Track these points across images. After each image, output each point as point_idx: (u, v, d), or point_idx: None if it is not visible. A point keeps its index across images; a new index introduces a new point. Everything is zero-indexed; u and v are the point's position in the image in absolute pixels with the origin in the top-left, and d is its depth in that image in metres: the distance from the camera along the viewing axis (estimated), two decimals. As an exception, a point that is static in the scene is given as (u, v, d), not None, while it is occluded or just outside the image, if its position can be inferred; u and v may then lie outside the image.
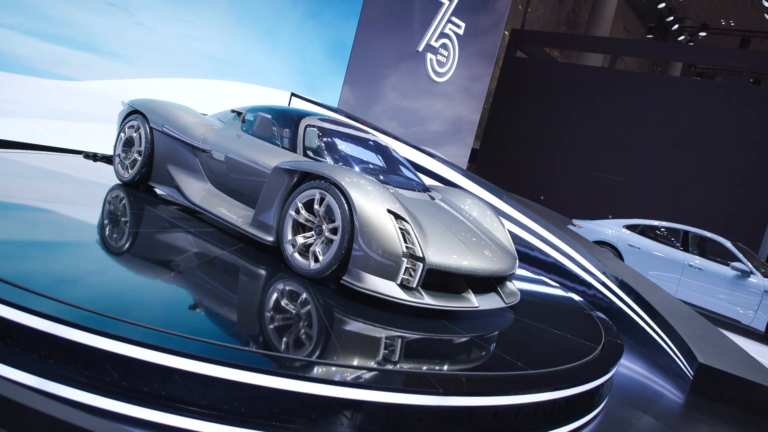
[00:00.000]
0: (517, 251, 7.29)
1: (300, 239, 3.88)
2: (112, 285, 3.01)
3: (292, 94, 9.34)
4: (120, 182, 5.43)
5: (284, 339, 2.81)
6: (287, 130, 4.81)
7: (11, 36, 6.82)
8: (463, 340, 3.46)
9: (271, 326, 2.98)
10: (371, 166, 4.87)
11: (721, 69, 26.31)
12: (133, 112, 5.47)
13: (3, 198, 4.26)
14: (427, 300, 3.55)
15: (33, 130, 7.18)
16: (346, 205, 3.62)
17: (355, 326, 3.26)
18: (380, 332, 3.25)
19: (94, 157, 6.55)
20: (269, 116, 4.99)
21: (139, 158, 5.27)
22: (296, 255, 3.87)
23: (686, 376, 4.72)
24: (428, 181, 7.82)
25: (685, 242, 9.29)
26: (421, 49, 13.33)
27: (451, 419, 2.62)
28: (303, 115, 4.97)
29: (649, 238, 9.56)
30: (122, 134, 5.48)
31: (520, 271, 6.58)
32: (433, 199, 4.61)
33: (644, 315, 5.73)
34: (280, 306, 3.36)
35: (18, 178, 5.14)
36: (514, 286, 4.45)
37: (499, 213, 7.32)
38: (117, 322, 2.37)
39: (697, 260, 9.04)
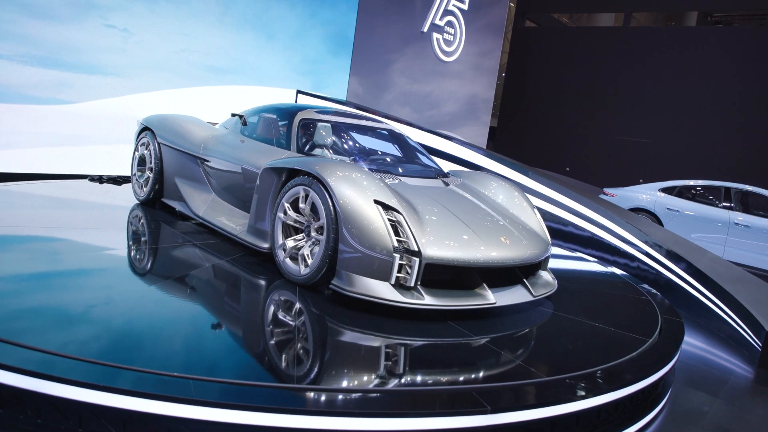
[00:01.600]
0: (550, 228, 6.92)
1: (290, 243, 3.56)
2: (100, 323, 2.72)
3: (298, 92, 9.05)
4: (138, 201, 5.39)
5: (280, 364, 2.47)
6: (283, 127, 4.52)
7: (4, 65, 6.63)
8: (481, 342, 3.05)
9: (258, 352, 2.61)
10: (374, 155, 4.55)
11: (738, 15, 25.26)
12: (144, 129, 5.42)
13: (15, 229, 4.10)
14: (427, 300, 3.12)
15: (35, 159, 7.01)
16: (329, 199, 3.28)
17: (360, 339, 2.90)
18: (389, 342, 2.89)
19: (100, 179, 6.35)
20: (267, 115, 4.73)
21: (151, 175, 5.21)
22: (287, 261, 3.56)
23: (753, 346, 4.31)
24: (450, 166, 7.47)
25: (727, 199, 8.76)
26: (425, 29, 12.89)
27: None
28: (299, 109, 4.66)
29: (688, 200, 9.04)
30: (136, 153, 5.47)
31: (555, 250, 6.20)
32: (447, 185, 4.20)
33: (696, 283, 5.31)
34: (269, 327, 2.96)
35: (26, 209, 4.93)
36: (550, 274, 3.99)
37: (527, 190, 6.98)
38: (110, 368, 2.08)
39: (741, 217, 8.52)
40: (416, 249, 3.11)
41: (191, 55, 8.44)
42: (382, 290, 3.08)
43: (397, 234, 3.13)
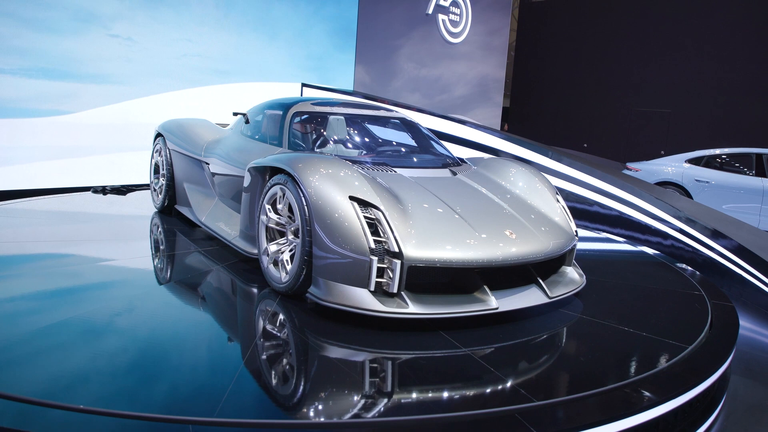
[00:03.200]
0: (574, 209, 6.66)
1: (272, 247, 3.26)
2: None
3: (303, 85, 8.78)
4: (156, 210, 5.27)
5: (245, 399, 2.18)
6: (277, 122, 4.24)
7: (7, 80, 6.52)
8: (467, 356, 2.57)
9: (222, 383, 2.23)
10: (371, 147, 4.24)
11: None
12: (158, 136, 5.29)
13: (20, 247, 3.95)
14: (412, 308, 2.72)
15: (35, 174, 6.82)
16: (302, 198, 2.97)
17: (347, 356, 2.58)
18: (373, 356, 2.58)
19: (103, 190, 6.13)
20: (268, 111, 4.47)
21: (164, 182, 5.09)
22: (270, 267, 3.26)
23: (808, 325, 3.97)
24: (466, 151, 7.16)
25: (759, 166, 8.33)
26: (430, 11, 12.51)
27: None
28: (295, 102, 4.35)
29: (716, 169, 8.62)
30: (152, 160, 5.36)
31: (582, 232, 5.87)
32: (454, 174, 3.81)
33: (738, 259, 4.96)
34: (245, 349, 2.59)
35: (30, 227, 4.73)
36: (576, 270, 3.51)
37: (547, 171, 6.65)
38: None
39: (775, 184, 8.10)
40: (397, 250, 2.73)
41: (193, 60, 8.33)
42: (361, 298, 2.74)
43: (376, 234, 2.78)
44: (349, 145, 4.17)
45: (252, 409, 2.03)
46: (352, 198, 2.87)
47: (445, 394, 2.23)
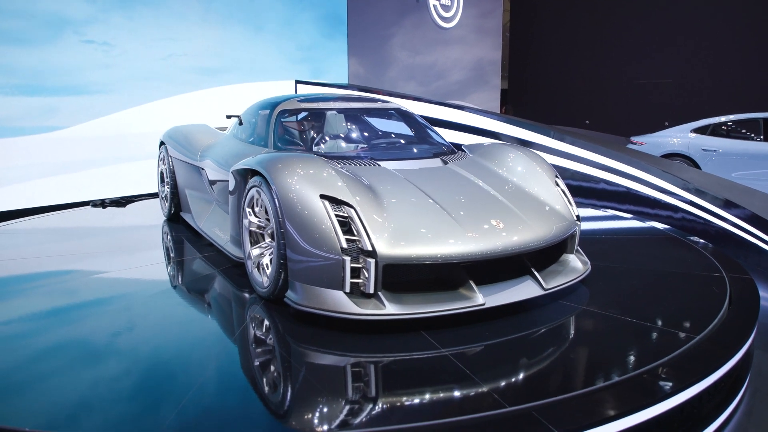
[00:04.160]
0: (580, 187, 6.55)
1: (255, 251, 3.18)
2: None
3: (297, 82, 8.69)
4: (165, 219, 5.32)
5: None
6: (264, 122, 4.16)
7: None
8: (438, 356, 2.46)
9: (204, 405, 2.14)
10: (356, 141, 4.12)
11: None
12: (162, 144, 5.30)
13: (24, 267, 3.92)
14: (390, 309, 2.60)
15: (33, 193, 6.76)
16: (275, 199, 2.87)
17: (333, 361, 2.49)
18: (357, 360, 2.48)
19: (102, 203, 6.07)
20: (260, 112, 4.39)
21: (168, 190, 5.12)
22: (255, 271, 3.18)
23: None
24: (466, 137, 7.06)
25: (766, 131, 8.16)
26: (421, -2, 12.37)
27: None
28: (282, 101, 4.27)
29: (723, 137, 8.47)
30: (158, 169, 5.40)
31: (589, 211, 5.77)
32: (446, 163, 3.68)
33: (752, 228, 4.84)
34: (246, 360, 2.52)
35: (34, 246, 4.67)
36: (579, 257, 3.34)
37: (550, 151, 6.54)
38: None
39: (784, 147, 7.95)
40: (370, 248, 2.62)
41: (179, 60, 8.09)
42: (337, 301, 2.64)
43: (349, 232, 2.68)
44: (336, 140, 4.06)
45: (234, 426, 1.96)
46: (323, 196, 2.77)
47: (416, 400, 2.12)
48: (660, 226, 5.14)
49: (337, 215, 2.71)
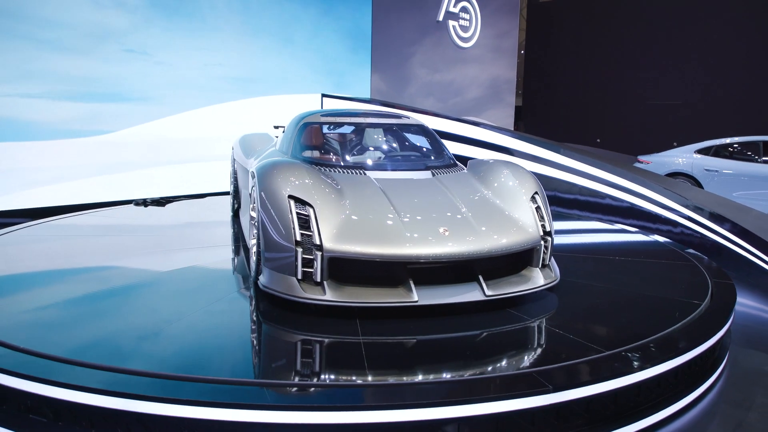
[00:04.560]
0: (587, 202, 6.97)
1: (253, 241, 3.69)
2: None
3: (323, 95, 9.17)
4: (231, 215, 6.00)
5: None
6: (291, 133, 4.69)
7: (40, 104, 6.92)
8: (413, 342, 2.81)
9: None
10: (361, 151, 4.55)
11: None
12: (232, 149, 6.06)
13: (72, 261, 4.31)
14: (328, 296, 3.02)
15: (80, 190, 7.31)
16: (259, 196, 3.39)
17: (285, 336, 2.95)
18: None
19: (144, 203, 6.56)
20: (290, 123, 4.93)
21: (232, 189, 5.92)
22: (252, 260, 3.66)
23: (808, 301, 4.27)
24: (480, 152, 7.49)
25: (766, 153, 8.55)
26: (441, 18, 12.88)
27: (567, 414, 2.35)
28: (307, 115, 4.84)
29: (726, 158, 8.86)
30: (231, 170, 6.12)
31: (595, 224, 6.19)
32: (434, 176, 3.95)
33: (743, 242, 5.26)
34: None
35: (80, 239, 5.13)
36: (543, 271, 3.42)
37: (559, 167, 6.96)
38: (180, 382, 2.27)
39: (784, 170, 8.32)
40: (319, 243, 3.04)
41: (214, 69, 8.53)
42: (290, 285, 3.09)
43: (307, 229, 3.10)
44: (339, 151, 4.55)
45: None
46: (290, 197, 3.22)
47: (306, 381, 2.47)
48: (661, 239, 5.53)
49: (298, 213, 3.15)
